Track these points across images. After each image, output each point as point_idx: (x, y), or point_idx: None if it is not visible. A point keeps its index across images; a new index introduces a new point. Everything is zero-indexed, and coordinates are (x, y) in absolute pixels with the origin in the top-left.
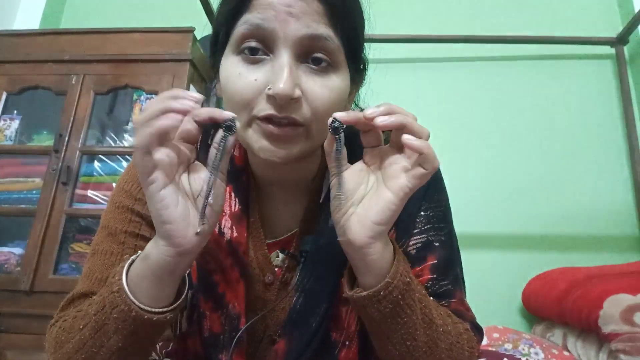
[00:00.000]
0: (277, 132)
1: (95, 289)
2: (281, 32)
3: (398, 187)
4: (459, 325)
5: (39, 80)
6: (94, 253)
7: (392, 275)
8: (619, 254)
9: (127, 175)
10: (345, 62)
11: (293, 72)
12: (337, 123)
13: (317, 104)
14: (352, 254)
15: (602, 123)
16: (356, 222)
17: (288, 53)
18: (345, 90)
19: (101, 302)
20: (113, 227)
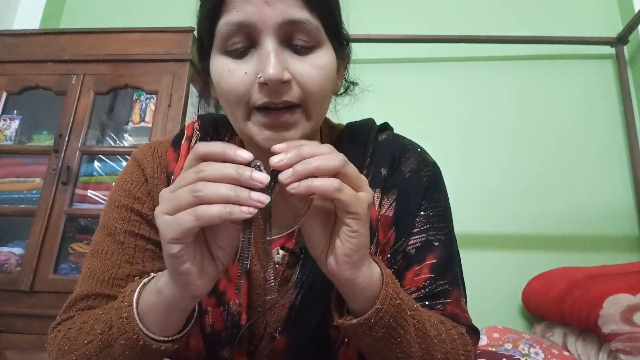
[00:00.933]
0: (277, 119)
1: (98, 290)
2: (261, 24)
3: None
4: (453, 331)
5: (39, 80)
6: (94, 253)
7: (382, 300)
8: (619, 254)
9: (126, 174)
10: (327, 40)
11: (279, 56)
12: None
13: (307, 84)
14: (339, 284)
15: (602, 123)
16: (331, 258)
17: (271, 41)
18: (333, 66)
19: (108, 323)
20: (112, 226)
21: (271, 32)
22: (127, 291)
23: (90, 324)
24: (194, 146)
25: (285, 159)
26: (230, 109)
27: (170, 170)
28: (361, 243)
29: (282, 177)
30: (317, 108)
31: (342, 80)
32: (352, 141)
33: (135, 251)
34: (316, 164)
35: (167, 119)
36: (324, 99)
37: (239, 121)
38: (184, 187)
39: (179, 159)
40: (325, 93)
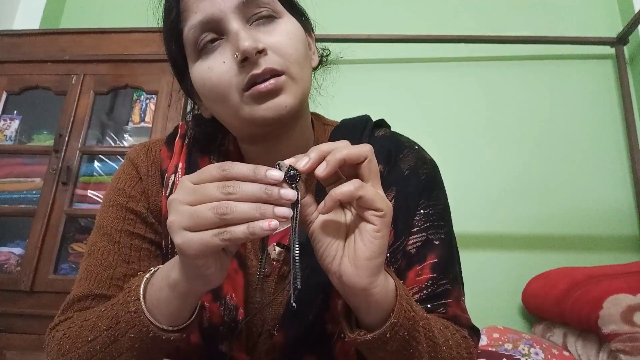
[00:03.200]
0: (265, 87)
1: (95, 290)
2: (220, 13)
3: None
4: (457, 335)
5: (39, 80)
6: (90, 253)
7: (397, 313)
8: (619, 254)
9: (120, 173)
10: (286, 11)
11: (248, 31)
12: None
13: (282, 49)
14: (353, 297)
15: (602, 123)
16: (349, 265)
17: (235, 22)
18: (300, 33)
19: (114, 319)
20: (108, 226)
21: (232, 16)
22: (133, 286)
23: (93, 321)
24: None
25: (310, 159)
26: (223, 105)
27: (164, 168)
28: (383, 245)
29: (318, 171)
30: (300, 71)
31: (316, 56)
32: (346, 137)
33: (131, 250)
34: (346, 152)
35: (167, 119)
36: (303, 63)
37: (235, 110)
38: (207, 205)
39: (173, 156)
40: (302, 56)
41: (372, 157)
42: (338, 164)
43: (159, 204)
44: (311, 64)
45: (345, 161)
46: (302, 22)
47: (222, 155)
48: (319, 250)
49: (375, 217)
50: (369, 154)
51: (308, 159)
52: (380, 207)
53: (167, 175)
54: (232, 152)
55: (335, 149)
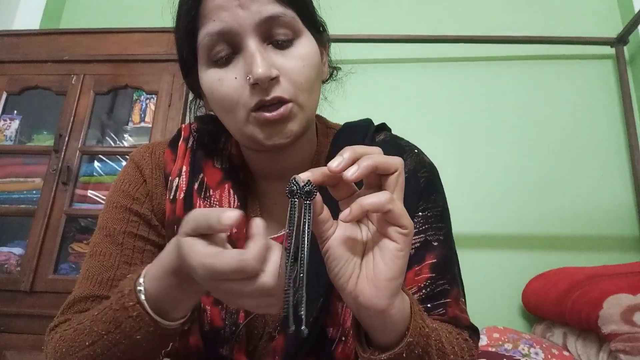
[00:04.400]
0: (272, 116)
1: (96, 291)
2: (239, 27)
3: (395, 230)
4: (459, 338)
5: (39, 80)
6: (92, 255)
7: (413, 332)
8: (619, 254)
9: (124, 175)
10: (305, 29)
11: (264, 55)
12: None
13: (295, 76)
14: (368, 318)
15: (602, 123)
16: (367, 285)
17: (253, 41)
18: (316, 54)
19: (112, 323)
20: (111, 227)
21: (251, 34)
22: (125, 290)
23: (88, 325)
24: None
25: (343, 159)
26: (228, 116)
27: (168, 171)
28: (405, 265)
29: (349, 173)
30: (308, 98)
31: (327, 67)
32: (348, 140)
33: (134, 252)
34: (380, 159)
35: (167, 119)
36: (312, 88)
37: (240, 124)
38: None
39: (177, 159)
40: (313, 82)
41: (402, 171)
42: (370, 169)
43: (162, 207)
44: (322, 77)
45: (377, 168)
46: (320, 35)
47: (224, 158)
48: (334, 269)
49: (399, 235)
50: (400, 166)
51: (342, 158)
52: (406, 224)
53: (171, 178)
54: (234, 155)
55: (369, 153)
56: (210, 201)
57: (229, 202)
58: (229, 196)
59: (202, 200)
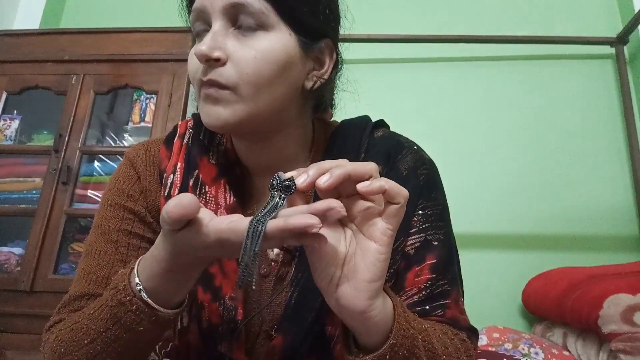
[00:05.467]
0: (204, 91)
1: (92, 290)
2: (210, 8)
3: (379, 233)
4: (455, 340)
5: (39, 80)
6: (88, 253)
7: (396, 334)
8: (619, 254)
9: (119, 172)
10: (282, 23)
11: (217, 36)
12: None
13: (241, 64)
14: (350, 320)
15: (602, 123)
16: (348, 287)
17: (218, 23)
18: (281, 51)
19: (111, 320)
20: (106, 225)
21: (218, 15)
22: (120, 285)
23: (85, 324)
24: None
25: (308, 176)
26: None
27: (163, 167)
28: (385, 268)
29: (320, 182)
30: (255, 92)
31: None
32: (346, 137)
33: (128, 250)
34: (351, 167)
35: (167, 119)
36: (262, 84)
37: (198, 102)
38: None
39: (172, 156)
40: (263, 78)
41: (376, 176)
42: (342, 177)
43: (157, 204)
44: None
45: (350, 176)
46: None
47: (220, 154)
48: (316, 271)
49: (382, 236)
50: (374, 172)
51: (307, 175)
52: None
53: (165, 175)
54: (229, 149)
55: (339, 165)
56: (206, 197)
57: (224, 198)
58: (225, 192)
59: (197, 196)
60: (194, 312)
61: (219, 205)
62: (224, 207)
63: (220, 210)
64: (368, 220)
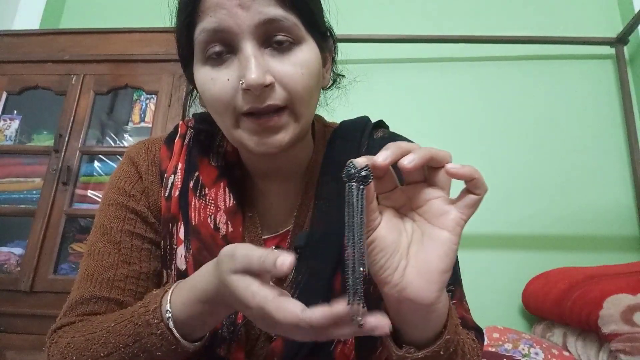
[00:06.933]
0: (265, 124)
1: (97, 292)
2: (237, 28)
3: (453, 222)
4: (468, 339)
5: (39, 80)
6: (90, 254)
7: (450, 328)
8: (619, 254)
9: (120, 172)
10: (308, 34)
11: (259, 60)
12: (366, 170)
13: (290, 84)
14: (413, 312)
15: (602, 123)
16: (416, 276)
17: (250, 44)
18: (316, 61)
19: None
20: (108, 226)
21: (248, 35)
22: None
23: (103, 336)
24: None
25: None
26: (219, 116)
27: (164, 168)
28: (455, 258)
29: (405, 161)
30: (304, 107)
31: (330, 74)
32: (345, 138)
33: (132, 251)
34: (435, 151)
35: (167, 119)
36: (310, 98)
37: (229, 128)
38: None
39: (172, 156)
40: (311, 91)
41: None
42: (427, 158)
43: (158, 204)
44: (322, 84)
45: (433, 159)
46: (324, 42)
47: (220, 155)
48: (380, 261)
49: (454, 225)
50: (451, 159)
51: (387, 153)
52: (482, 192)
53: (166, 175)
54: (230, 153)
55: (417, 146)
56: (206, 200)
57: (224, 201)
58: (225, 195)
59: (197, 198)
60: None
61: (219, 208)
62: (224, 209)
63: (219, 213)
64: (439, 209)
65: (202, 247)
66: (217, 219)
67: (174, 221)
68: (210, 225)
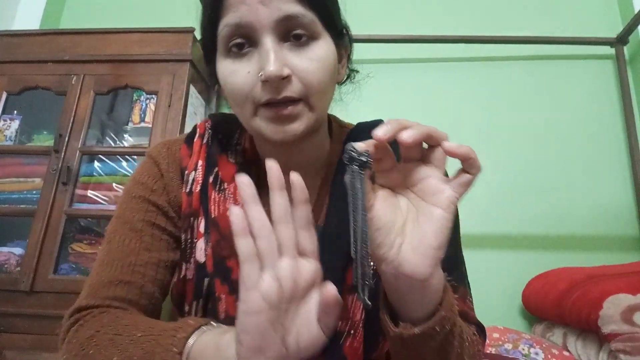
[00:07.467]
0: (281, 113)
1: (119, 276)
2: (257, 23)
3: (447, 200)
4: (469, 331)
5: (39, 80)
6: (110, 241)
7: (446, 305)
8: (619, 254)
9: (142, 169)
10: (325, 31)
11: (278, 53)
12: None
13: (307, 77)
14: (409, 288)
15: (602, 123)
16: (412, 253)
17: (269, 38)
18: (332, 56)
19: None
20: (129, 216)
21: (268, 30)
22: (179, 334)
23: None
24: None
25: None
26: (239, 107)
27: (184, 165)
28: (449, 234)
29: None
30: (319, 99)
31: (345, 70)
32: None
33: (152, 239)
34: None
35: (167, 119)
36: (324, 91)
37: (248, 118)
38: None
39: (192, 154)
40: (325, 84)
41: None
42: (426, 133)
43: (179, 199)
44: (337, 79)
45: (430, 136)
46: (340, 39)
47: (238, 153)
48: (378, 238)
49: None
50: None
51: (387, 127)
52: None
53: (187, 172)
54: (247, 150)
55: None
56: (225, 194)
57: None
58: None
59: (217, 192)
60: (210, 306)
61: (237, 202)
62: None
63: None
64: (433, 187)
65: (221, 238)
66: None
67: (195, 215)
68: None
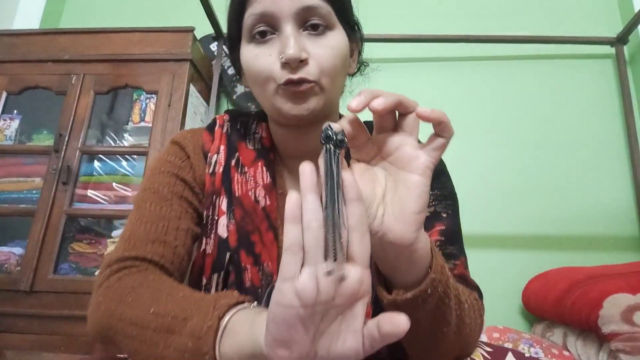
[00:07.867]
0: (297, 90)
1: (153, 236)
2: (280, 13)
3: (423, 166)
4: (471, 296)
5: (39, 80)
6: (140, 207)
7: (435, 268)
8: (619, 254)
9: (168, 151)
10: (339, 23)
11: (297, 39)
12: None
13: (322, 61)
14: (396, 255)
15: (602, 123)
16: (394, 221)
17: (290, 26)
18: (345, 46)
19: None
20: (158, 187)
21: (289, 19)
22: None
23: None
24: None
25: (363, 97)
26: (260, 88)
27: (207, 149)
28: (427, 198)
29: (375, 104)
30: (330, 82)
31: (355, 63)
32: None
33: (181, 209)
34: (402, 96)
35: (167, 119)
36: (336, 75)
37: (269, 97)
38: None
39: (214, 140)
40: (337, 70)
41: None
42: (396, 102)
43: (203, 179)
44: (348, 70)
45: (401, 103)
46: (352, 33)
47: (256, 141)
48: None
49: (424, 168)
50: (417, 107)
51: (361, 98)
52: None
53: (210, 154)
54: (264, 138)
55: (390, 93)
56: (246, 176)
57: (262, 178)
58: (262, 172)
59: (239, 174)
60: (233, 278)
61: (257, 184)
62: (262, 185)
63: (258, 188)
64: (408, 154)
65: (245, 215)
66: (257, 192)
67: (217, 194)
68: (251, 197)
